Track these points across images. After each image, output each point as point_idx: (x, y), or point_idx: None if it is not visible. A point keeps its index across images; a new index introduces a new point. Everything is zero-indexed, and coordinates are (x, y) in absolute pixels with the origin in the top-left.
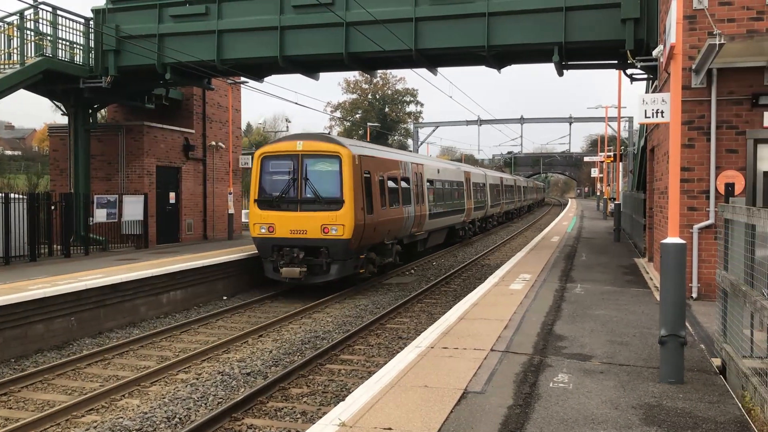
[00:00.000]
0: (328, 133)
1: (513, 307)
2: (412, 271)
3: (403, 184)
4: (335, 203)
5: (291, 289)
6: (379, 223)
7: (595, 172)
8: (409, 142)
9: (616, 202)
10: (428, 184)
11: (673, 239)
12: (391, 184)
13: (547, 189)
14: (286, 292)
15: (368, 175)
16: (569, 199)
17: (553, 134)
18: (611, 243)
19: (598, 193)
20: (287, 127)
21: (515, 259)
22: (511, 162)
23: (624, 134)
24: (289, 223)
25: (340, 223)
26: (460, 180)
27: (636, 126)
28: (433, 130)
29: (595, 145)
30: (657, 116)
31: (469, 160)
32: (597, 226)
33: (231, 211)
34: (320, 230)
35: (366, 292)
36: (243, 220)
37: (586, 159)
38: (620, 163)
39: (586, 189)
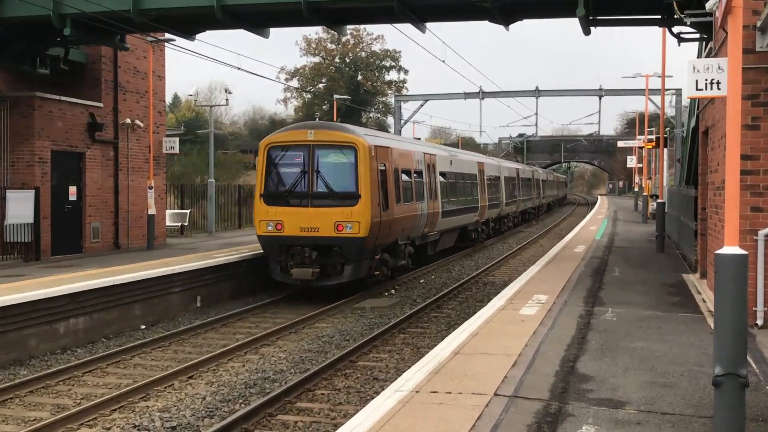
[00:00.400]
0: (340, 122)
1: (524, 338)
2: (393, 291)
3: (416, 177)
4: (350, 198)
5: (247, 310)
6: (394, 221)
7: (631, 161)
8: (390, 121)
9: (659, 201)
10: (441, 177)
11: (731, 249)
12: (404, 177)
13: (569, 183)
14: (236, 316)
15: (383, 168)
16: (599, 197)
17: (577, 111)
18: (652, 254)
19: (636, 189)
20: (227, 99)
21: (528, 274)
22: (523, 148)
23: (669, 111)
24: (299, 220)
25: (355, 220)
26: (473, 172)
27: (685, 101)
28: (421, 105)
29: (632, 125)
30: (711, 88)
31: (468, 145)
32: (634, 231)
33: (152, 211)
34: (333, 228)
35: (331, 319)
36: (168, 223)
37: (620, 144)
38: (664, 150)
39: (621, 183)
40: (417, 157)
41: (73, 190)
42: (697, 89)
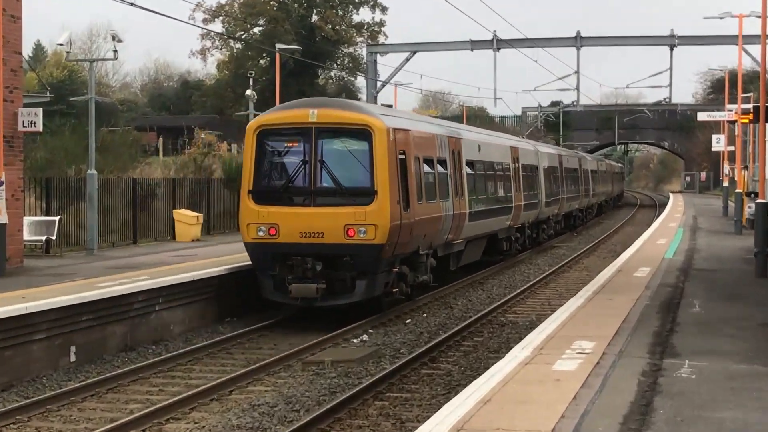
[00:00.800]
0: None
1: (559, 407)
2: (364, 337)
3: (440, 168)
4: (364, 195)
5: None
6: (416, 224)
7: (719, 143)
8: (361, 83)
9: (760, 201)
10: (467, 168)
11: None
12: (426, 168)
13: (627, 175)
14: (130, 374)
15: (403, 156)
16: (670, 195)
17: (638, 69)
18: (750, 280)
19: (726, 184)
20: (115, 51)
21: (566, 310)
22: (558, 122)
23: None
24: (298, 224)
25: (370, 223)
26: (505, 161)
27: None
28: (407, 60)
29: (719, 89)
30: None
31: (477, 119)
32: (723, 246)
33: (2, 219)
34: (343, 233)
35: (272, 379)
36: (27, 236)
37: (701, 117)
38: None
39: (703, 175)
40: (440, 141)
41: None
42: None
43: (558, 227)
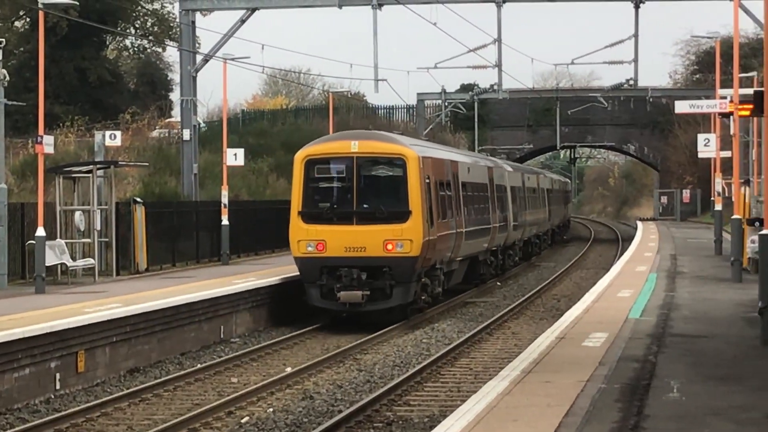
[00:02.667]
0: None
1: None
2: None
3: (447, 190)
4: (401, 215)
5: None
6: (438, 240)
7: (707, 146)
8: (172, 56)
9: (764, 232)
10: (462, 189)
11: None
12: (442, 191)
13: (576, 194)
14: None
15: (428, 181)
16: (639, 223)
17: (588, 37)
18: (753, 350)
19: (718, 206)
20: None
21: (480, 400)
22: (474, 116)
23: None
24: (343, 239)
25: (407, 238)
26: (483, 181)
27: None
28: (242, 22)
29: (707, 67)
30: None
31: (349, 111)
32: (714, 300)
33: None
34: (382, 247)
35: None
36: None
37: (679, 108)
38: None
39: (687, 193)
40: (447, 165)
41: None
42: None
43: (519, 254)
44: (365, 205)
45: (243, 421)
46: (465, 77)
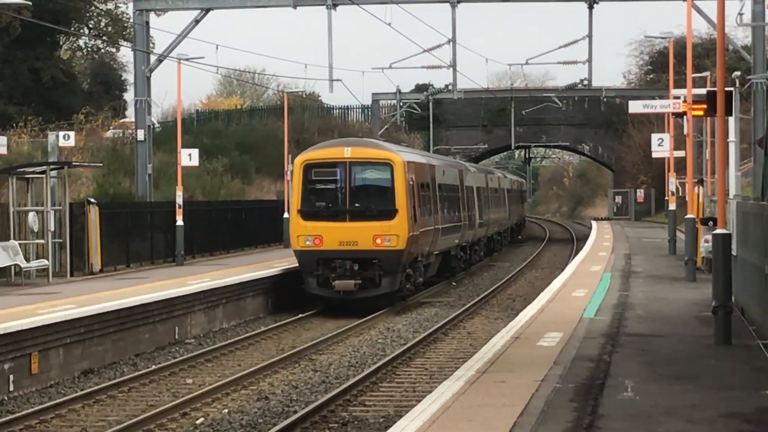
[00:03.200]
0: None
1: None
2: None
3: (426, 190)
4: (388, 213)
5: None
6: (420, 235)
7: (661, 146)
8: (126, 56)
9: (718, 232)
10: (438, 190)
11: None
12: (422, 191)
13: (531, 194)
14: None
15: (412, 183)
16: (593, 223)
17: (543, 37)
18: (707, 349)
19: (672, 206)
20: None
21: (435, 400)
22: (429, 116)
23: (740, 40)
24: (338, 235)
25: (394, 234)
26: (455, 183)
27: None
28: (196, 22)
29: (662, 67)
30: None
31: (303, 110)
32: (668, 299)
33: None
34: (372, 241)
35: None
36: None
37: (633, 108)
38: (729, 121)
39: (641, 193)
40: (427, 168)
41: None
42: None
43: (481, 252)
44: (357, 204)
45: (198, 422)
46: (420, 77)
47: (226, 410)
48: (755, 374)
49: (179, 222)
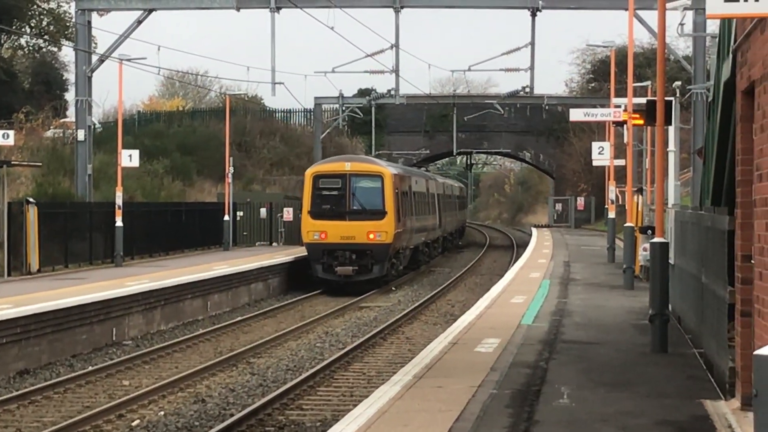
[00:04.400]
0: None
1: None
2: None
3: (406, 198)
4: (379, 213)
5: None
6: (403, 232)
7: (601, 155)
8: (67, 55)
9: (656, 240)
10: (413, 196)
11: None
12: (404, 198)
13: (472, 200)
14: None
15: (397, 191)
16: (534, 230)
17: (486, 44)
18: (643, 357)
19: (611, 214)
20: None
21: (371, 404)
22: (371, 121)
23: (681, 48)
24: (339, 231)
25: (383, 230)
26: (423, 190)
27: (712, 28)
28: (139, 23)
29: (603, 75)
30: None
31: (245, 113)
32: (606, 307)
33: None
34: (366, 236)
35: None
36: None
37: (574, 116)
38: (669, 130)
39: (581, 201)
40: (407, 179)
41: None
42: None
43: (438, 249)
44: (355, 207)
45: (134, 424)
46: (362, 82)
47: (163, 413)
48: (690, 382)
49: (118, 223)
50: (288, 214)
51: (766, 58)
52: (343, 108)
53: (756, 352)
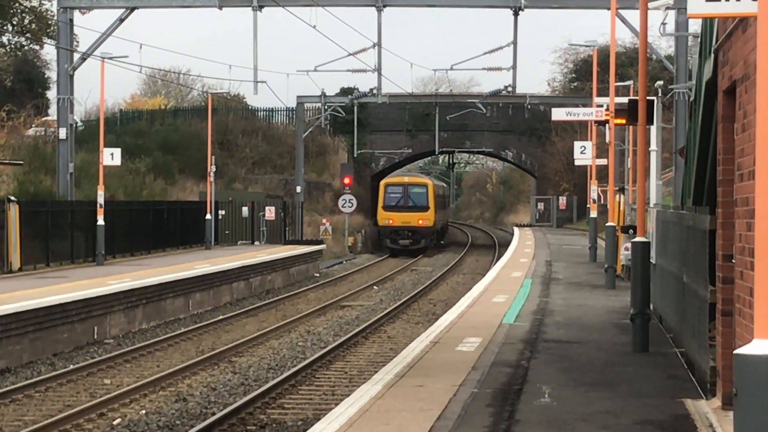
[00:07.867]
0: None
1: None
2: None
3: (438, 198)
4: (425, 208)
5: None
6: (437, 220)
7: (583, 154)
8: (51, 53)
9: (637, 240)
10: (440, 197)
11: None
12: (437, 198)
13: (455, 199)
14: None
15: (434, 194)
16: (516, 229)
17: (469, 44)
18: (624, 356)
19: (593, 214)
20: None
21: (353, 403)
22: (353, 120)
23: (663, 48)
24: (401, 218)
25: (428, 218)
26: (441, 193)
27: (694, 28)
28: (121, 21)
29: (586, 75)
30: None
31: (228, 111)
32: (587, 306)
33: None
34: (417, 222)
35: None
36: None
37: (556, 116)
38: (651, 130)
39: (563, 200)
40: (438, 187)
41: None
42: None
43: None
44: (410, 204)
45: (115, 422)
46: (345, 81)
47: (144, 411)
48: (671, 382)
49: (100, 222)
50: (270, 213)
51: (748, 57)
52: (326, 107)
53: (736, 351)
